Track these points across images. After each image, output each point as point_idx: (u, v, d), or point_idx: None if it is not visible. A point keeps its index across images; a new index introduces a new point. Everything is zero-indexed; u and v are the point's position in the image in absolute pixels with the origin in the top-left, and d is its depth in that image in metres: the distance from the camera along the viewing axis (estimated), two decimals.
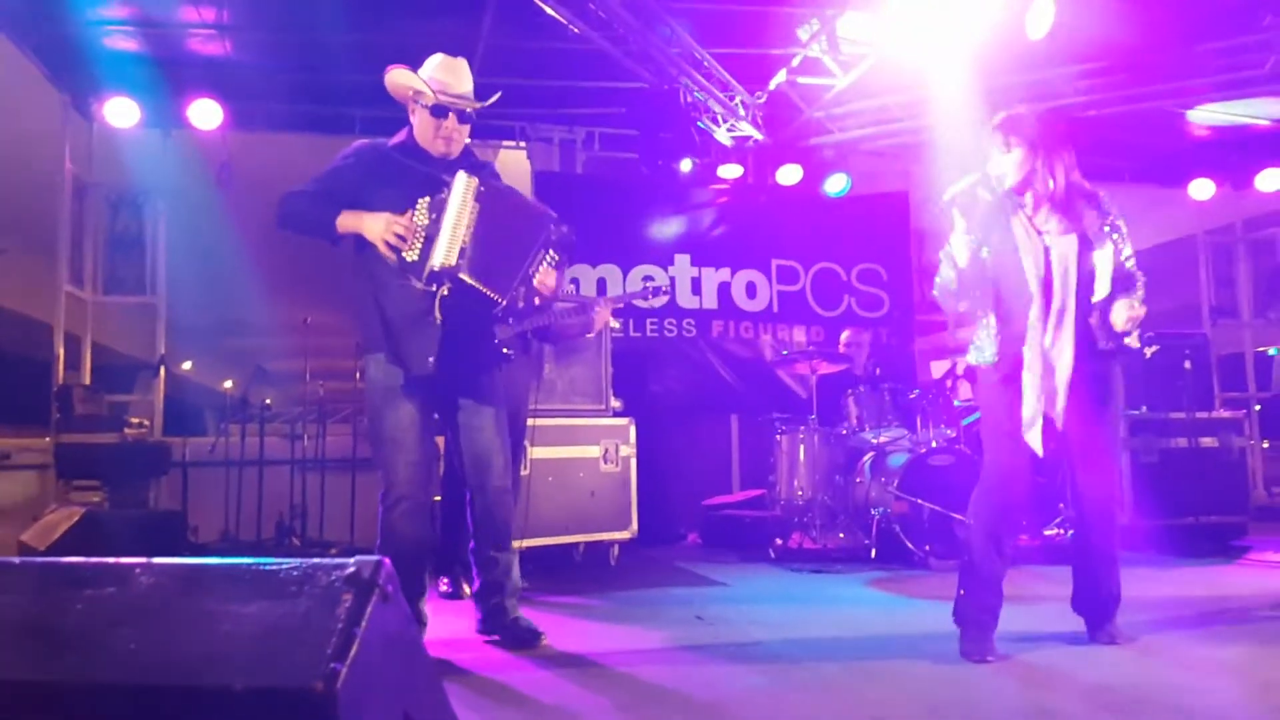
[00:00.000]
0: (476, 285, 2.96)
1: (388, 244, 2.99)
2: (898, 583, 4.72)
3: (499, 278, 3.01)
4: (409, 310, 3.07)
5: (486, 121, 6.29)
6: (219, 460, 6.65)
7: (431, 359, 3.05)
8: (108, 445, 5.61)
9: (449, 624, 3.52)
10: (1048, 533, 6.16)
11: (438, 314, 3.01)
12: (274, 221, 3.16)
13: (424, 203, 3.02)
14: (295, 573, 1.27)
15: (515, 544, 3.40)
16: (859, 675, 2.93)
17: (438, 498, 4.30)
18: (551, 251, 3.14)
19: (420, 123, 3.18)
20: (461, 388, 3.22)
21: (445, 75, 3.17)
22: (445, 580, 4.44)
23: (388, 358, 3.12)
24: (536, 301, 3.07)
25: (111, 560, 1.33)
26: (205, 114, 6.50)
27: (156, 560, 1.34)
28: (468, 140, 3.25)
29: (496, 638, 3.30)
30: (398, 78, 3.19)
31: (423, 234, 3.00)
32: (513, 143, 7.46)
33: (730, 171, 7.43)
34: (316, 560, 1.32)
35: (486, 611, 3.35)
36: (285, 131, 7.04)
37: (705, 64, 6.45)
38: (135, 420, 6.06)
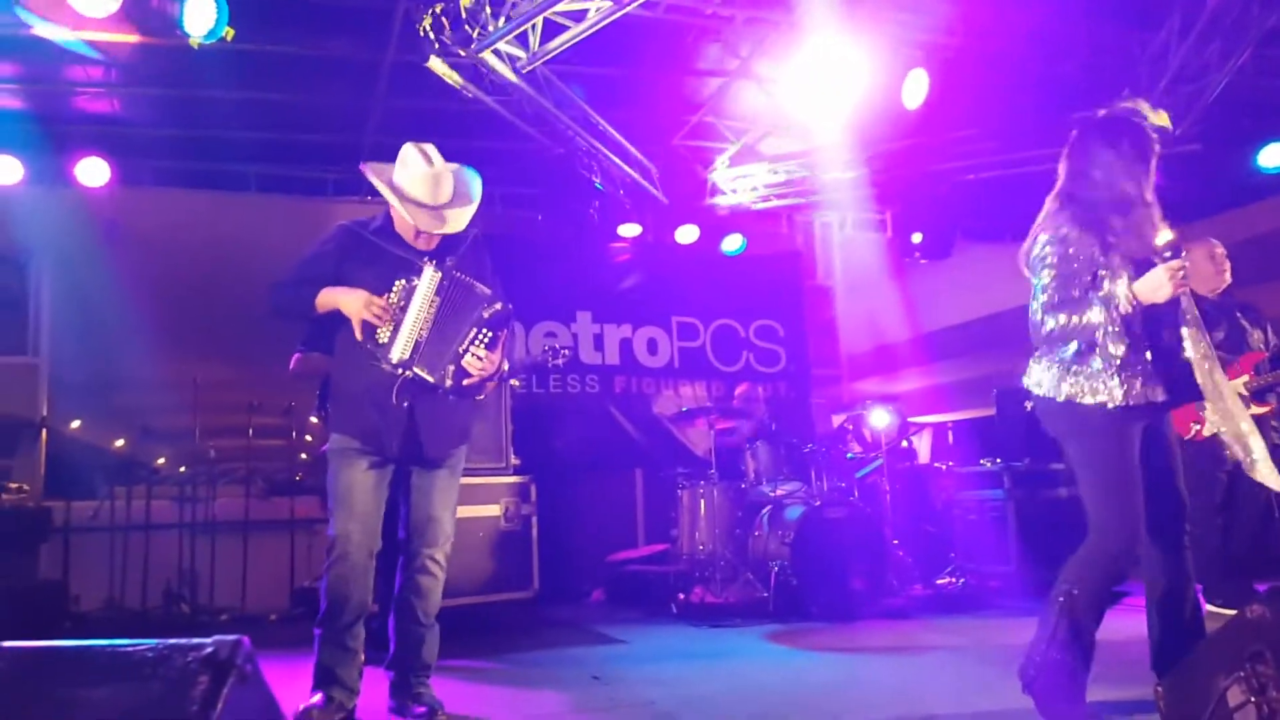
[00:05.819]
0: (424, 376, 3.09)
1: (364, 321, 3.04)
2: (793, 636, 4.80)
3: (439, 363, 3.11)
4: (376, 389, 3.10)
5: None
6: (103, 525, 6.38)
7: (394, 442, 3.11)
8: None
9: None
10: (940, 582, 6.35)
11: (395, 398, 3.09)
12: (267, 312, 3.23)
13: (400, 285, 3.08)
14: (150, 654, 1.26)
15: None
16: None
17: None
18: (485, 330, 3.14)
19: (399, 218, 3.17)
20: (419, 457, 3.20)
21: (425, 192, 3.11)
22: None
23: (348, 436, 3.14)
24: (465, 383, 3.12)
25: None
26: (93, 171, 6.35)
27: (6, 644, 1.31)
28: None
29: (399, 711, 3.23)
30: (377, 183, 3.16)
31: (395, 317, 3.07)
32: None
33: (630, 230, 7.56)
34: (174, 641, 1.31)
35: (395, 684, 3.30)
36: (175, 188, 6.92)
37: (600, 127, 6.61)
38: (14, 485, 5.79)
